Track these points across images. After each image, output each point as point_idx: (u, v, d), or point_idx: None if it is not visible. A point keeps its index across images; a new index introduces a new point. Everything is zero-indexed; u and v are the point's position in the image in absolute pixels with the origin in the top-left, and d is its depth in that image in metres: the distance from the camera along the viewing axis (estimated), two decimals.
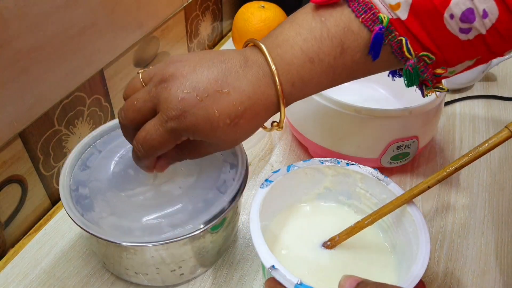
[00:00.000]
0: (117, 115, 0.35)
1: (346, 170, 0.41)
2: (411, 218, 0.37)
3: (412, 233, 0.37)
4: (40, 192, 0.49)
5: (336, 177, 0.42)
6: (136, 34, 0.58)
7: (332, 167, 0.41)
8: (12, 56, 0.40)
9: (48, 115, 0.47)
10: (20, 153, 0.45)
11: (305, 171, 0.41)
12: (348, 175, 0.42)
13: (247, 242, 0.47)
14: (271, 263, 0.32)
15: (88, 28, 0.49)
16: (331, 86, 0.35)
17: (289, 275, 0.32)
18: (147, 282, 0.41)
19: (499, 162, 0.59)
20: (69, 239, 0.47)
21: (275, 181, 0.39)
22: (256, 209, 0.36)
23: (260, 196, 0.38)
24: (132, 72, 0.60)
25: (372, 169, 0.41)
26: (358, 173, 0.41)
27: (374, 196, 0.41)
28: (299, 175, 0.41)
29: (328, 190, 0.43)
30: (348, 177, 0.42)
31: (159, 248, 0.37)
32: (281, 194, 0.41)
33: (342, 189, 0.43)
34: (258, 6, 0.71)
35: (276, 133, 0.62)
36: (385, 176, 0.40)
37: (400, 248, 0.39)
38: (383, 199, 0.40)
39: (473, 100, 0.70)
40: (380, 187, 0.40)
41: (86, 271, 0.44)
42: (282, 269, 0.32)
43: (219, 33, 0.84)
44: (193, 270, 0.42)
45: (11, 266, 0.45)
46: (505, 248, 0.48)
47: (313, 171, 0.42)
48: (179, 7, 0.67)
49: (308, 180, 0.42)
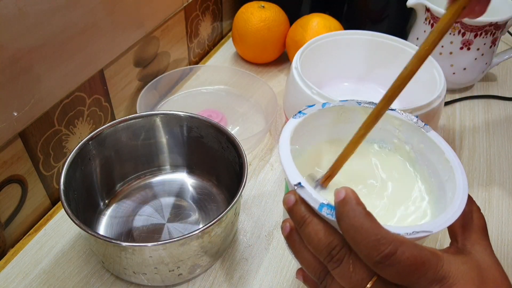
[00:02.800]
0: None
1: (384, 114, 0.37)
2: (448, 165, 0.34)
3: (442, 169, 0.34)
4: (40, 192, 0.49)
5: None
6: (136, 34, 0.58)
7: (369, 109, 0.36)
8: (12, 56, 0.41)
9: (48, 115, 0.47)
10: (20, 153, 0.45)
11: (341, 110, 0.38)
12: (386, 121, 0.38)
13: (247, 242, 0.47)
14: (297, 180, 0.30)
15: (88, 28, 0.49)
16: None
17: (316, 194, 0.29)
18: (147, 282, 0.41)
19: (499, 162, 0.59)
20: (69, 239, 0.47)
21: (309, 114, 0.37)
22: (288, 133, 0.34)
23: (291, 124, 0.35)
24: (132, 72, 0.60)
25: (411, 115, 0.38)
26: (396, 118, 0.38)
27: (411, 147, 0.38)
28: (334, 114, 0.39)
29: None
30: (385, 123, 0.38)
31: (157, 248, 0.37)
32: (313, 130, 0.38)
33: (377, 137, 0.39)
34: (258, 6, 0.71)
35: (276, 133, 0.62)
36: (425, 124, 0.37)
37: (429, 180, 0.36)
38: (420, 149, 0.37)
39: (473, 100, 0.70)
40: (419, 134, 0.37)
41: (86, 271, 0.44)
42: (309, 187, 0.29)
43: (219, 33, 0.84)
44: (191, 270, 0.42)
45: (11, 266, 0.45)
46: (505, 248, 0.48)
47: (349, 112, 0.38)
48: (179, 7, 0.67)
49: (342, 122, 0.39)
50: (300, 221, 0.29)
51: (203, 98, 0.68)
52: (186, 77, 0.69)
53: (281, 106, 0.64)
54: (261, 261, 0.46)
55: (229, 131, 0.46)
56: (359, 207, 0.27)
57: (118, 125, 0.47)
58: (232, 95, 0.68)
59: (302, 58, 0.55)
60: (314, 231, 0.28)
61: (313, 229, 0.29)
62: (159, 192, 0.51)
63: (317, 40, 0.59)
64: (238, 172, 0.44)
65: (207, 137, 0.49)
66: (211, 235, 0.39)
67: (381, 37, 0.60)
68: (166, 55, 0.67)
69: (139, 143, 0.50)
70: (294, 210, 0.30)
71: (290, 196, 0.30)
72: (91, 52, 0.50)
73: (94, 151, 0.46)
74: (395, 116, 0.38)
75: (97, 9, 0.49)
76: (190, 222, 0.48)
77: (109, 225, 0.47)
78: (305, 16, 0.69)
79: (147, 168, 0.52)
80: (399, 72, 0.30)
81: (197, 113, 0.49)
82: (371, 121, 0.32)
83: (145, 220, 0.47)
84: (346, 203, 0.27)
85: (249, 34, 0.70)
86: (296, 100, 0.53)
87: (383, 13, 0.74)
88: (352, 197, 0.27)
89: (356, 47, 0.61)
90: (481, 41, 0.63)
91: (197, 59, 0.78)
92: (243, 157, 0.43)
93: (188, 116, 0.49)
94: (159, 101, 0.65)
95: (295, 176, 0.30)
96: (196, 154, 0.52)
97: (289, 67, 0.63)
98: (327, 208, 0.28)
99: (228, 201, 0.49)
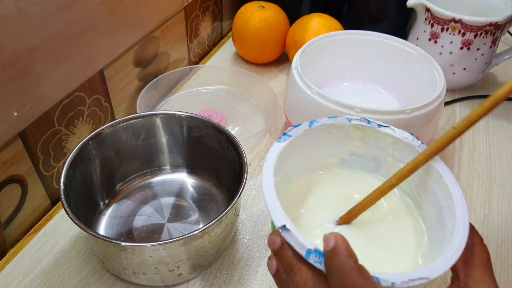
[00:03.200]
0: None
1: (376, 132, 0.36)
2: (447, 191, 0.31)
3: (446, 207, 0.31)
4: (40, 192, 0.49)
5: (364, 140, 0.37)
6: (136, 34, 0.58)
7: (360, 127, 0.35)
8: (12, 56, 0.41)
9: (48, 115, 0.47)
10: (20, 153, 0.45)
11: (330, 129, 0.36)
12: (379, 138, 0.36)
13: (247, 242, 0.47)
14: (282, 222, 0.27)
15: (88, 28, 0.49)
16: None
17: (302, 238, 0.26)
18: (147, 282, 0.41)
19: (499, 162, 0.59)
20: (69, 239, 0.47)
21: (294, 136, 0.34)
22: (271, 163, 0.31)
23: (276, 150, 0.32)
24: (132, 72, 0.60)
25: (407, 132, 0.35)
26: (390, 136, 0.35)
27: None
28: (322, 134, 0.36)
29: (353, 155, 0.38)
30: (378, 141, 0.36)
31: (157, 248, 0.37)
32: (299, 153, 0.35)
33: (369, 155, 0.37)
34: (258, 6, 0.71)
35: (276, 133, 0.62)
36: (421, 143, 0.34)
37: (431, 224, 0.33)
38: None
39: (473, 100, 0.70)
40: (414, 154, 0.34)
41: (86, 271, 0.44)
42: (295, 231, 0.27)
43: (219, 33, 0.84)
44: (191, 270, 0.42)
45: (11, 266, 0.45)
46: (505, 248, 0.48)
47: (339, 130, 0.36)
48: (179, 7, 0.67)
49: (332, 141, 0.37)
50: (287, 268, 0.27)
51: (203, 98, 0.68)
52: (186, 77, 0.69)
53: (281, 106, 0.64)
54: (261, 261, 0.46)
55: (229, 131, 0.46)
56: (350, 260, 0.24)
57: (118, 125, 0.47)
58: (232, 95, 0.68)
59: (302, 58, 0.55)
60: (303, 280, 0.26)
61: (301, 279, 0.26)
62: (159, 192, 0.51)
63: (317, 40, 0.59)
64: (238, 172, 0.44)
65: (207, 137, 0.49)
66: (211, 235, 0.39)
67: (381, 37, 0.60)
68: (166, 55, 0.67)
69: (139, 143, 0.50)
70: (280, 254, 0.27)
71: (276, 238, 0.28)
72: (91, 52, 0.51)
73: (94, 151, 0.46)
74: (388, 134, 0.35)
75: (97, 9, 0.49)
76: (190, 222, 0.48)
77: (109, 225, 0.47)
78: (305, 16, 0.69)
79: (147, 168, 0.52)
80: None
81: (197, 113, 0.49)
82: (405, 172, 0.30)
83: (145, 220, 0.47)
84: (336, 254, 0.24)
85: (249, 34, 0.70)
86: (296, 100, 0.53)
87: (383, 13, 0.74)
88: (342, 247, 0.25)
89: (356, 47, 0.61)
90: (481, 41, 0.63)
91: (197, 59, 0.78)
92: (243, 157, 0.43)
93: (188, 116, 0.49)
94: (159, 101, 0.65)
95: (280, 217, 0.28)
96: (196, 154, 0.52)
97: (289, 67, 0.63)
98: (315, 255, 0.26)
99: (228, 201, 0.49)
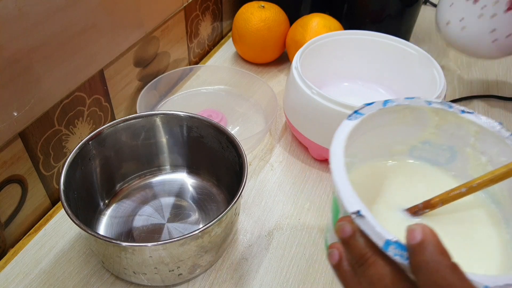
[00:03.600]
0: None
1: (458, 118, 0.31)
2: None
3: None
4: (40, 192, 0.49)
5: (442, 127, 0.32)
6: (136, 34, 0.58)
7: (440, 111, 0.31)
8: (12, 56, 0.41)
9: (48, 115, 0.47)
10: (20, 153, 0.45)
11: (405, 111, 0.32)
12: (459, 126, 0.32)
13: (247, 242, 0.47)
14: (356, 207, 0.24)
15: (88, 28, 0.49)
16: None
17: (380, 227, 0.23)
18: (147, 282, 0.41)
19: None
20: (69, 239, 0.47)
21: (367, 115, 0.30)
22: (341, 142, 0.28)
23: (346, 128, 0.29)
24: (132, 72, 0.60)
25: (494, 121, 0.31)
26: (473, 124, 0.31)
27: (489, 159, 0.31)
28: (396, 115, 0.32)
29: (426, 143, 0.33)
30: (459, 129, 0.32)
31: (157, 248, 0.37)
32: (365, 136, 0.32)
33: (445, 144, 0.33)
34: (258, 6, 0.71)
35: (276, 133, 0.62)
36: (510, 133, 0.30)
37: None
38: (500, 163, 0.29)
39: (473, 100, 0.70)
40: (501, 146, 0.30)
41: (86, 271, 0.44)
42: (371, 218, 0.23)
43: (219, 33, 0.84)
44: (191, 270, 0.42)
45: (11, 266, 0.45)
46: None
47: (415, 113, 0.32)
48: (179, 7, 0.67)
49: (405, 125, 0.33)
50: (359, 259, 0.23)
51: (203, 98, 0.68)
52: (186, 77, 0.69)
53: (281, 106, 0.64)
54: (261, 261, 0.46)
55: (229, 131, 0.46)
56: (444, 258, 0.20)
57: (118, 125, 0.47)
58: (232, 95, 0.68)
59: (302, 58, 0.55)
60: (379, 274, 0.22)
61: (376, 273, 0.22)
62: (159, 192, 0.51)
63: (317, 40, 0.59)
64: (238, 172, 0.44)
65: (207, 137, 0.49)
66: (211, 235, 0.39)
67: (381, 37, 0.60)
68: (166, 55, 0.67)
69: (139, 143, 0.50)
70: (351, 244, 0.24)
71: (346, 225, 0.24)
72: (91, 52, 0.50)
73: (94, 151, 0.46)
74: (472, 121, 0.31)
75: (97, 9, 0.49)
76: (190, 222, 0.48)
77: (109, 225, 0.47)
78: (305, 16, 0.69)
79: (147, 168, 0.52)
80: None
81: (197, 113, 0.49)
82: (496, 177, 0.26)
83: (145, 220, 0.47)
84: (424, 249, 0.20)
85: (249, 34, 0.70)
86: (296, 100, 0.53)
87: (383, 13, 0.74)
88: (433, 242, 0.21)
89: (356, 47, 0.61)
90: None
91: (197, 59, 0.78)
92: (243, 157, 0.43)
93: (188, 116, 0.49)
94: (159, 101, 0.65)
95: (353, 202, 0.24)
96: (196, 154, 0.52)
97: (289, 67, 0.63)
98: (396, 247, 0.22)
99: (228, 201, 0.49)
